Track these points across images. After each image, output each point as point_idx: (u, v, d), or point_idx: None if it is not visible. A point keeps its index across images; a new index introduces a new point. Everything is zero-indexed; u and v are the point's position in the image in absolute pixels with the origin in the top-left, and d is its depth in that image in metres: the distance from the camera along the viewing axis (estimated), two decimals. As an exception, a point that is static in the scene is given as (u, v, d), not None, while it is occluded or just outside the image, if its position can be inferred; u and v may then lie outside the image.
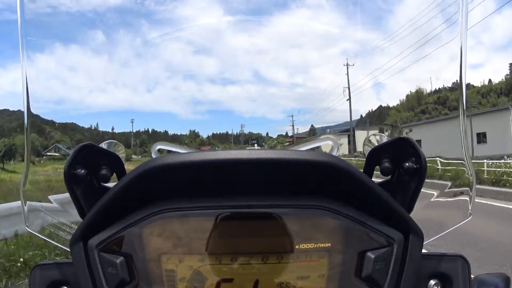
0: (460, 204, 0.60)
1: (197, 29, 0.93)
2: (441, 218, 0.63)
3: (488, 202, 9.18)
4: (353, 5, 0.89)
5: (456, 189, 0.63)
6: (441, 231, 0.59)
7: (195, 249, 0.45)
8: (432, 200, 0.64)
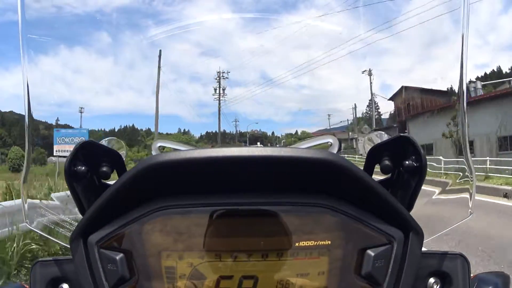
0: (460, 202, 0.60)
1: (204, 30, 0.93)
2: (441, 216, 0.63)
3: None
4: (362, 7, 0.89)
5: (456, 187, 0.63)
6: (442, 229, 0.59)
7: (195, 246, 0.45)
8: (432, 198, 0.64)
